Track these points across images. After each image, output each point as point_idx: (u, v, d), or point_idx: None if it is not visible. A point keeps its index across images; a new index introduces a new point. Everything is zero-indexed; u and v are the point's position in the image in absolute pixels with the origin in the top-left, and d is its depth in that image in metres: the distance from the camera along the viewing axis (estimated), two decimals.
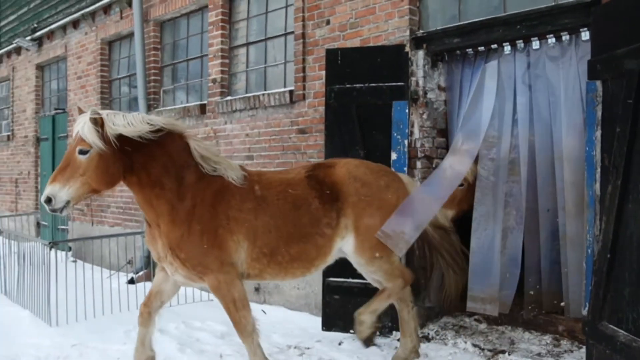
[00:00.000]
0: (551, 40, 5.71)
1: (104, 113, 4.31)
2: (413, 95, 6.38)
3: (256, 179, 4.71)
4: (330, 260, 4.90)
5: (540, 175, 5.98)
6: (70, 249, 11.17)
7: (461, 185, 6.05)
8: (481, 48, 6.21)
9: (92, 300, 7.18)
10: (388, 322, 6.24)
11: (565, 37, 5.62)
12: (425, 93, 6.44)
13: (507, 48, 6.03)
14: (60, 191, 4.20)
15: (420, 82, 6.42)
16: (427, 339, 6.08)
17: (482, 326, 6.35)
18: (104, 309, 7.23)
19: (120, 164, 4.32)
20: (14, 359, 5.76)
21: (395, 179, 5.07)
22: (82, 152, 4.22)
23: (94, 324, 6.85)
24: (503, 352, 5.59)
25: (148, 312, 4.90)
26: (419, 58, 6.42)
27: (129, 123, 4.28)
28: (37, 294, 7.15)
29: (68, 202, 4.25)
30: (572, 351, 5.59)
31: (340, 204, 4.68)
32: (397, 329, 6.17)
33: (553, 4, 5.48)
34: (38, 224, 13.59)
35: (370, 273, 5.04)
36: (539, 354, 5.55)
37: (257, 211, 4.51)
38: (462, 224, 6.27)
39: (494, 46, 6.10)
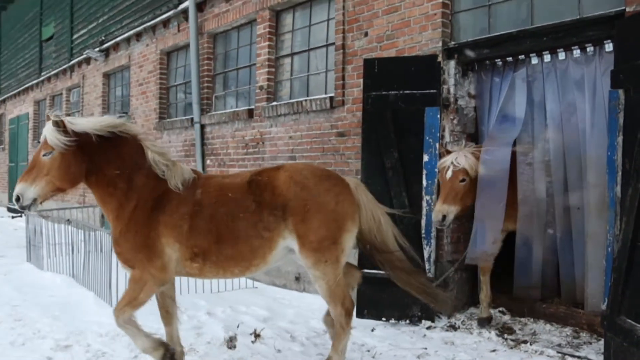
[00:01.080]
0: (576, 51, 5.56)
1: (66, 117, 4.36)
2: (444, 102, 6.29)
3: (201, 183, 4.60)
4: (274, 260, 4.56)
5: (570, 176, 5.83)
6: None
7: (462, 180, 5.67)
8: (509, 59, 6.08)
9: None
10: (418, 312, 6.15)
11: (590, 48, 5.46)
12: (456, 100, 6.34)
13: (535, 59, 5.90)
14: (27, 190, 4.28)
15: (452, 90, 6.33)
16: (453, 328, 5.98)
17: (506, 317, 6.21)
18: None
19: (80, 164, 4.36)
20: (79, 334, 5.85)
21: (337, 184, 4.58)
22: (46, 154, 4.30)
23: (148, 305, 6.85)
24: (525, 342, 5.45)
25: (165, 311, 4.89)
26: (451, 67, 6.33)
27: (87, 121, 4.36)
28: (100, 278, 7.25)
29: (35, 200, 4.31)
30: (591, 343, 5.43)
31: (280, 208, 4.40)
32: (426, 318, 6.11)
33: (578, 17, 5.33)
34: (103, 215, 13.79)
35: (316, 279, 4.54)
36: (559, 345, 5.40)
37: (192, 215, 4.40)
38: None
39: (522, 57, 5.97)
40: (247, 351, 5.38)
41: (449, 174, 5.66)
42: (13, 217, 17.54)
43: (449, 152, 5.88)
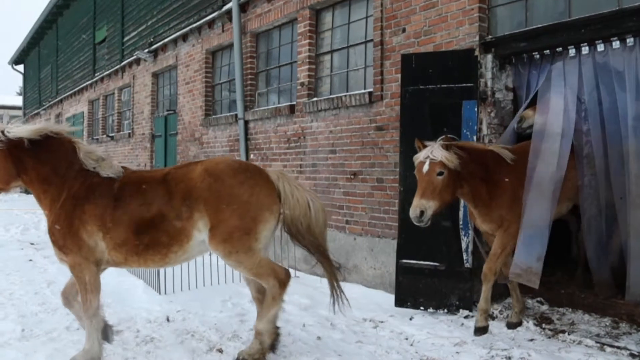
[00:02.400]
0: (615, 43, 5.35)
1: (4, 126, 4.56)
2: (482, 95, 6.16)
3: (124, 177, 4.71)
4: (193, 249, 4.59)
5: (612, 167, 5.58)
6: None
7: (440, 174, 5.09)
8: (547, 51, 5.90)
9: (195, 273, 7.33)
10: (455, 301, 6.06)
11: (630, 39, 5.24)
12: (493, 93, 6.20)
13: (572, 51, 5.70)
14: None
15: (489, 83, 6.19)
16: (491, 317, 5.86)
17: (544, 307, 6.06)
18: (205, 281, 7.38)
19: (14, 165, 4.56)
20: (129, 320, 5.95)
21: (253, 177, 4.57)
22: None
23: (196, 293, 6.98)
24: (563, 331, 5.31)
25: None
26: (488, 61, 6.19)
27: (21, 128, 4.51)
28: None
29: None
30: (630, 334, 5.25)
31: (193, 199, 4.42)
32: (464, 307, 6.01)
33: (617, 8, 5.14)
34: None
35: (234, 268, 4.66)
36: (597, 335, 5.24)
37: (111, 206, 4.51)
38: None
39: (559, 49, 5.79)
40: (288, 339, 5.38)
41: (426, 167, 5.14)
42: None
43: (425, 146, 5.32)
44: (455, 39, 6.42)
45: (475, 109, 6.04)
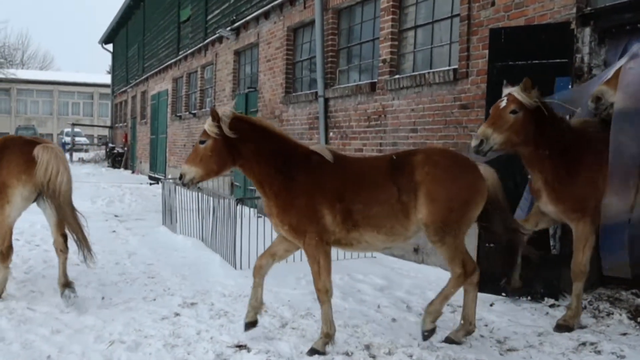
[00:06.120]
0: None
1: None
2: (577, 72, 5.79)
3: None
4: None
5: None
6: (256, 206, 11.57)
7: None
8: None
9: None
10: (540, 288, 5.78)
11: None
12: (590, 69, 5.82)
13: None
14: None
15: (586, 59, 5.82)
16: None
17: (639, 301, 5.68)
18: None
19: None
20: (204, 293, 6.05)
21: (14, 149, 5.44)
22: None
23: (270, 270, 6.97)
24: None
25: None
26: (585, 35, 5.80)
27: None
28: (226, 242, 7.45)
29: None
30: None
31: None
32: (549, 295, 5.75)
33: None
34: (232, 184, 14.24)
35: None
36: None
37: None
38: None
39: None
40: (362, 319, 5.30)
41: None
42: (151, 184, 18.57)
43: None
44: (549, 12, 6.06)
45: (570, 86, 5.68)
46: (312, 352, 4.48)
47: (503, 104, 4.97)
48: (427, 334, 4.69)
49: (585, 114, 5.23)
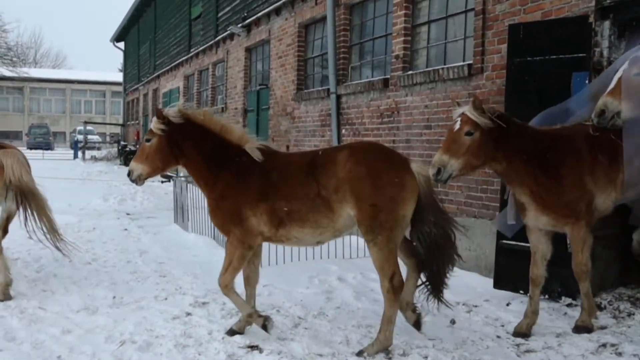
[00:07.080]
0: None
1: None
2: (596, 66, 5.66)
3: None
4: None
5: None
6: None
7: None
8: None
9: (283, 248, 7.28)
10: (558, 287, 5.67)
11: None
12: (609, 64, 5.68)
13: None
14: None
15: (605, 53, 5.69)
16: (599, 308, 5.40)
17: None
18: (292, 257, 7.32)
19: None
20: (216, 293, 5.89)
21: None
22: None
23: (282, 268, 6.95)
24: None
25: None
26: (605, 28, 5.67)
27: None
28: None
29: None
30: None
31: None
32: (567, 295, 5.63)
33: None
34: None
35: None
36: None
37: None
38: None
39: None
40: (376, 319, 5.21)
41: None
42: (162, 182, 18.57)
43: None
44: (567, 5, 5.94)
45: (587, 82, 5.55)
46: (232, 332, 4.77)
47: (457, 126, 4.71)
48: None
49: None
